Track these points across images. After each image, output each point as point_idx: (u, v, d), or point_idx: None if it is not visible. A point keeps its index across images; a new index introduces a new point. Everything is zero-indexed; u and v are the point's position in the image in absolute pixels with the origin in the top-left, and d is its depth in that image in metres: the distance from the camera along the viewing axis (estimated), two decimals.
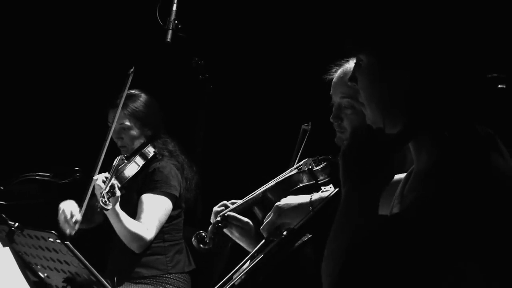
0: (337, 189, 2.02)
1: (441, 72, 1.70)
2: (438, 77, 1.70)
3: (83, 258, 2.63)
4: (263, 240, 2.43)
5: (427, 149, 1.74)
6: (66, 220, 3.64)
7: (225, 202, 2.99)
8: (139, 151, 3.95)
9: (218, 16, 4.72)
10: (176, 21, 3.63)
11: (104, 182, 3.58)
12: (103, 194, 3.52)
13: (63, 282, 2.78)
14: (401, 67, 1.70)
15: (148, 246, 3.86)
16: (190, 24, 3.69)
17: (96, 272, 2.65)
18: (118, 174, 3.81)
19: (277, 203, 2.42)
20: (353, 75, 1.80)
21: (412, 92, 1.70)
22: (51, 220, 3.70)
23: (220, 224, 2.90)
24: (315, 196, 2.38)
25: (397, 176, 1.97)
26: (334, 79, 2.81)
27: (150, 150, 3.97)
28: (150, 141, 4.00)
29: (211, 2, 4.66)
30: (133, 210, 3.85)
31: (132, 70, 3.76)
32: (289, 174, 2.80)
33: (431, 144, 1.72)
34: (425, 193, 1.63)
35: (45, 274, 2.87)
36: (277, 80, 4.64)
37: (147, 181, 3.90)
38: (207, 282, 3.87)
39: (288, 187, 2.76)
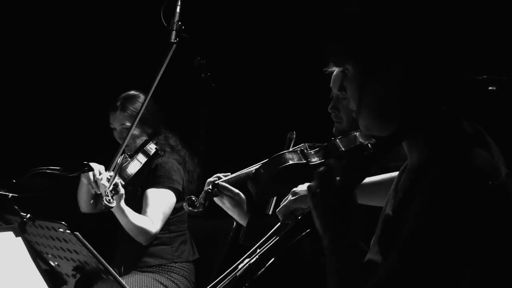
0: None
1: (426, 77, 1.70)
2: (423, 81, 1.70)
3: (91, 248, 2.66)
4: (279, 223, 2.44)
5: (418, 148, 1.75)
6: (96, 180, 3.66)
7: (219, 174, 3.06)
8: (141, 149, 4.00)
9: (219, 18, 4.69)
10: (179, 23, 3.65)
11: (108, 180, 3.62)
12: (107, 193, 3.57)
13: (72, 270, 2.82)
14: (385, 74, 1.70)
15: (155, 238, 3.93)
16: (193, 25, 3.72)
17: (103, 261, 2.68)
18: (121, 172, 3.85)
19: (294, 189, 2.44)
20: (341, 85, 1.85)
21: (398, 97, 1.71)
22: (61, 211, 3.73)
23: (210, 191, 2.99)
24: None
25: (394, 174, 2.05)
26: (334, 73, 2.92)
27: (152, 147, 4.02)
28: (151, 138, 4.06)
29: (213, 5, 4.65)
30: (139, 205, 3.91)
31: (175, 41, 3.68)
32: (281, 152, 2.84)
33: (422, 144, 1.73)
34: (417, 207, 1.62)
35: (56, 263, 2.90)
36: (276, 78, 4.66)
37: (151, 176, 3.96)
38: (209, 270, 3.94)
39: (279, 163, 2.78)
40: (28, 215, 2.80)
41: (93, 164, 3.69)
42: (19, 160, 4.30)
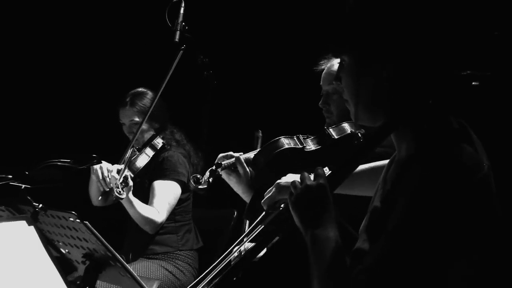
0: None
1: (416, 70, 1.73)
2: (414, 74, 1.73)
3: (100, 236, 2.68)
4: (263, 213, 2.46)
5: (406, 140, 1.78)
6: (104, 177, 3.71)
7: (231, 152, 3.07)
8: (149, 143, 4.06)
9: (221, 18, 4.70)
10: (183, 23, 3.70)
11: (118, 173, 3.67)
12: (118, 185, 3.62)
13: (82, 257, 2.85)
14: (378, 65, 1.74)
15: (161, 227, 4.01)
16: (196, 25, 3.75)
17: (111, 248, 2.70)
18: (130, 165, 3.91)
19: (278, 181, 2.46)
20: (338, 75, 1.85)
21: (389, 88, 1.74)
22: (71, 201, 3.77)
23: (214, 170, 3.02)
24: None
25: (383, 162, 2.05)
26: (324, 71, 3.00)
27: (159, 141, 4.08)
28: (158, 133, 4.11)
29: (215, 6, 4.67)
30: (146, 196, 3.98)
31: (183, 47, 3.74)
32: (277, 138, 2.88)
33: (410, 137, 1.77)
34: (404, 198, 1.65)
35: (66, 250, 2.94)
36: (276, 76, 4.70)
37: (158, 169, 4.03)
38: (212, 258, 4.00)
39: (274, 148, 2.83)
40: (40, 205, 2.82)
41: (102, 163, 3.76)
42: (32, 153, 4.34)
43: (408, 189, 1.66)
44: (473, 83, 1.89)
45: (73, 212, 2.72)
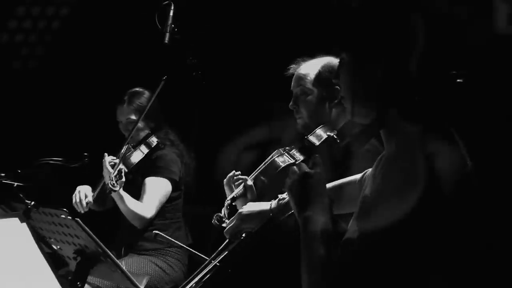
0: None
1: (406, 69, 1.77)
2: (405, 73, 1.77)
3: (91, 232, 2.70)
4: (226, 241, 2.51)
5: (395, 137, 1.82)
6: (80, 201, 3.82)
7: (239, 175, 3.09)
8: (144, 141, 4.09)
9: (210, 20, 4.71)
10: (172, 25, 3.72)
11: (112, 167, 3.72)
12: (112, 178, 3.66)
13: (73, 253, 2.86)
14: (373, 67, 1.79)
15: (151, 223, 4.00)
16: (185, 27, 3.77)
17: (102, 245, 2.72)
18: (125, 160, 3.94)
19: (240, 210, 2.47)
20: (337, 73, 1.90)
21: (381, 86, 1.79)
22: (63, 199, 3.80)
23: (231, 202, 3.05)
24: (274, 204, 2.43)
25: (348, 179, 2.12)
26: (294, 75, 3.06)
27: (154, 140, 4.10)
28: (153, 132, 4.14)
29: (205, 8, 4.70)
30: (139, 192, 4.00)
31: (164, 78, 3.86)
32: (271, 159, 2.93)
33: (397, 134, 1.80)
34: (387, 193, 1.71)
35: (58, 247, 2.94)
36: (265, 76, 4.71)
37: (151, 166, 4.05)
38: (201, 251, 4.03)
39: (274, 169, 2.90)
40: (33, 203, 2.84)
41: (80, 187, 3.86)
42: (24, 152, 4.35)
43: (390, 184, 1.71)
44: (458, 80, 1.91)
45: (65, 210, 2.74)
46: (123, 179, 3.72)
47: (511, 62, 2.97)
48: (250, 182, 3.01)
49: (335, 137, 2.77)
